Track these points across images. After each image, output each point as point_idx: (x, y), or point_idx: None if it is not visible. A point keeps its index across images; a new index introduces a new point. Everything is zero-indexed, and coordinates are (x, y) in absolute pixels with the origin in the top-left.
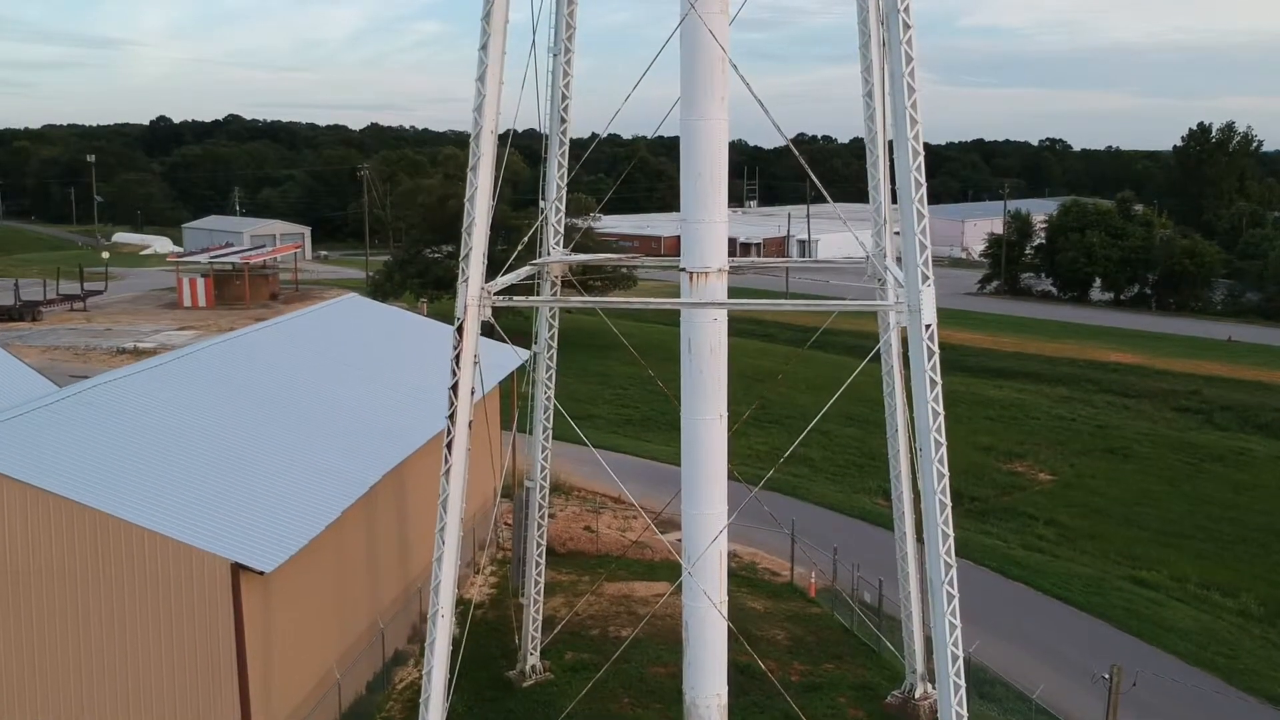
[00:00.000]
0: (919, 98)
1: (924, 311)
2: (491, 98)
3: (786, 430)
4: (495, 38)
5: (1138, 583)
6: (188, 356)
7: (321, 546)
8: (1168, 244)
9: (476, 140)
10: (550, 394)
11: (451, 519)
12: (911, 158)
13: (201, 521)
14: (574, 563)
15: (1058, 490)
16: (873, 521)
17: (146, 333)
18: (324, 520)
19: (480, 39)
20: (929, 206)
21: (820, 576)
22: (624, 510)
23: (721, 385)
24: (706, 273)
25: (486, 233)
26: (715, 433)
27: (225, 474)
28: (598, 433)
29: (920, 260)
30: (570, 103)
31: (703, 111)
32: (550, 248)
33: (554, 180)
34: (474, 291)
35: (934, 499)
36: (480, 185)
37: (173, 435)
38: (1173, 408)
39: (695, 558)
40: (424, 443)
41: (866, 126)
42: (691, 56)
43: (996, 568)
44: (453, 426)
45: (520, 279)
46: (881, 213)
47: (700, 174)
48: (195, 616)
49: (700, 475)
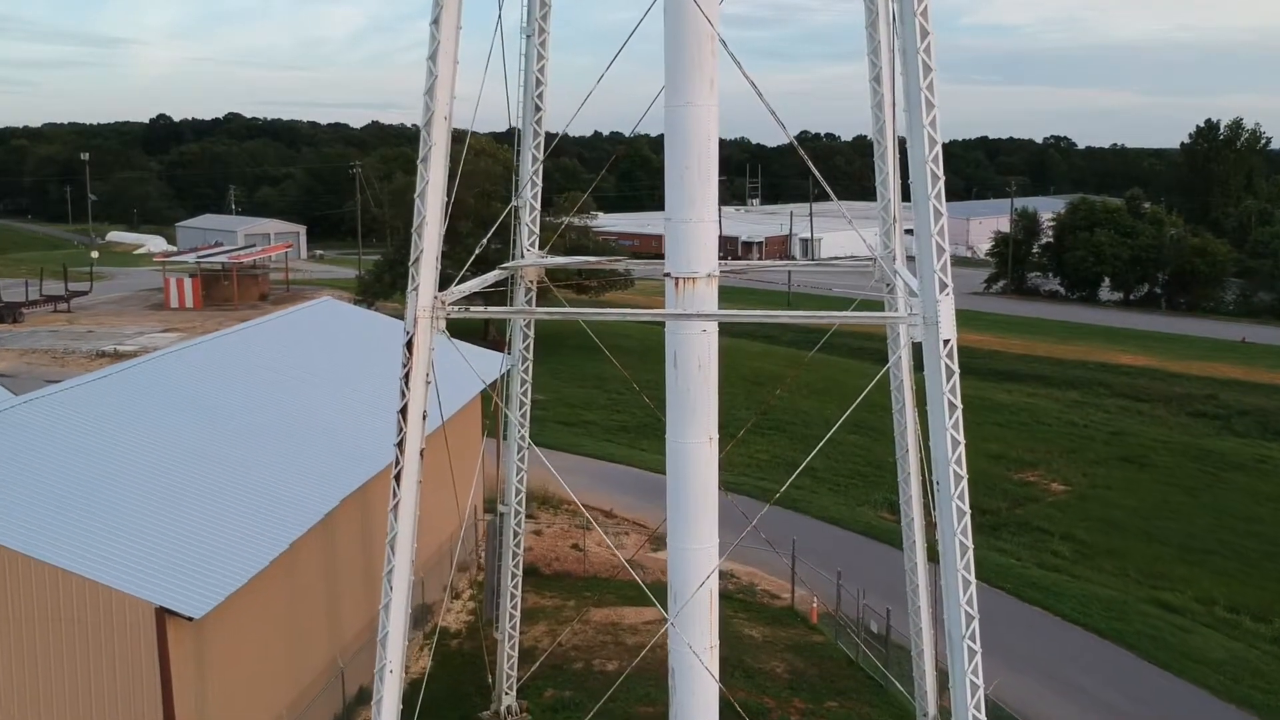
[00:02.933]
0: (935, 78)
1: (941, 325)
2: (445, 79)
3: (789, 437)
4: (449, 11)
5: (1161, 606)
6: (136, 368)
7: (269, 581)
8: (1178, 243)
9: (427, 128)
10: (526, 410)
11: (400, 561)
12: (927, 147)
13: (127, 559)
14: (560, 585)
15: (1072, 502)
16: (877, 538)
17: (129, 335)
18: (269, 554)
19: (432, 11)
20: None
21: (822, 602)
22: (615, 526)
23: (711, 405)
24: (694, 278)
25: (441, 233)
26: (705, 458)
27: (159, 503)
28: (591, 440)
29: (937, 265)
30: (545, 89)
31: (688, 96)
32: (524, 249)
33: (527, 175)
34: (425, 301)
35: (953, 540)
36: (432, 179)
37: (105, 459)
38: (1188, 412)
39: (680, 604)
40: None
41: (873, 116)
42: (676, 34)
43: (1012, 590)
44: (401, 456)
45: (486, 285)
46: (890, 211)
47: (687, 167)
48: (117, 667)
49: (688, 505)
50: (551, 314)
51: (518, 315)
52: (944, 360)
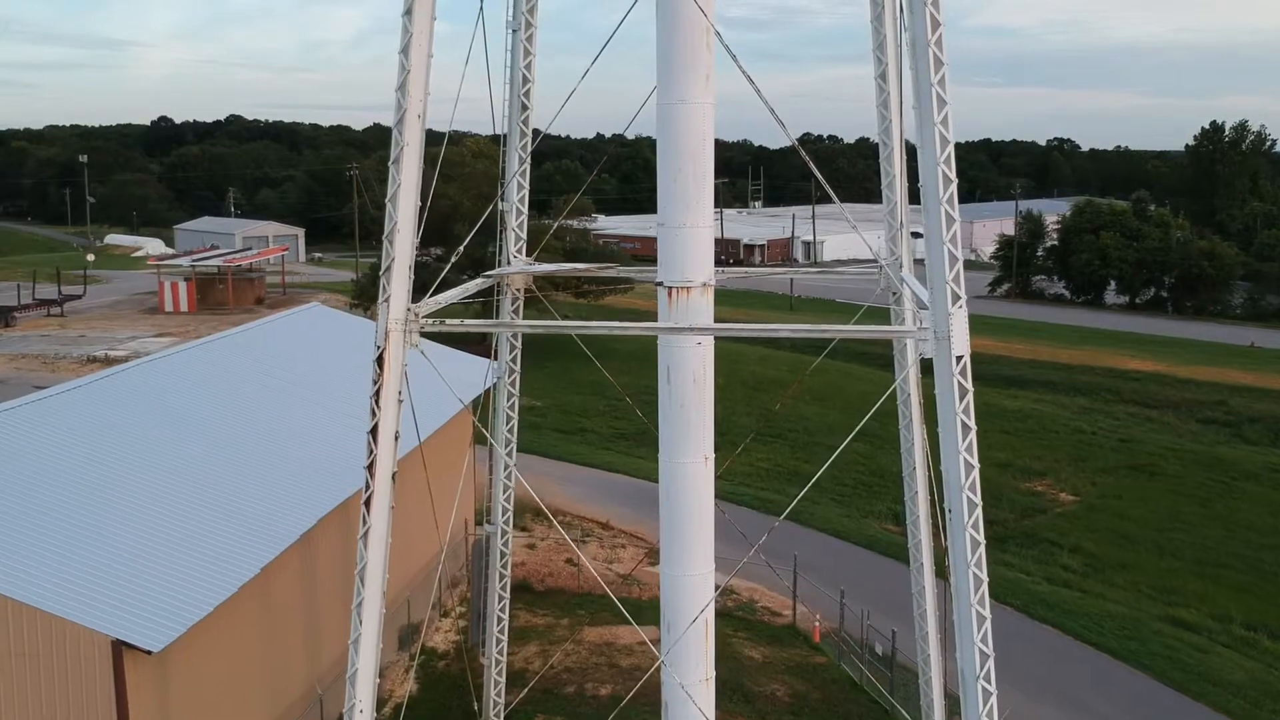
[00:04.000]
0: (947, 73)
1: (954, 340)
2: (418, 74)
3: (790, 445)
4: (422, 1)
5: (1176, 623)
6: (109, 379)
7: (240, 607)
8: (1185, 245)
9: (399, 127)
10: (513, 425)
11: (371, 593)
12: (939, 148)
13: (84, 588)
14: (553, 602)
15: (1081, 512)
16: (882, 551)
17: (121, 339)
18: (238, 579)
19: (404, 2)
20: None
21: (825, 620)
22: (611, 538)
23: (707, 422)
24: (689, 288)
25: (414, 240)
26: (701, 478)
27: (122, 524)
28: (589, 449)
29: (949, 275)
30: (533, 86)
31: (682, 93)
32: (510, 256)
33: (514, 177)
34: (397, 313)
35: (966, 572)
36: (404, 183)
37: (67, 477)
38: (1198, 419)
39: (675, 635)
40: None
41: (879, 115)
42: (668, 26)
43: (1021, 606)
44: (371, 480)
45: (468, 294)
46: (897, 215)
47: (681, 169)
48: (72, 705)
49: (682, 530)
50: (536, 327)
51: (501, 329)
52: (957, 378)
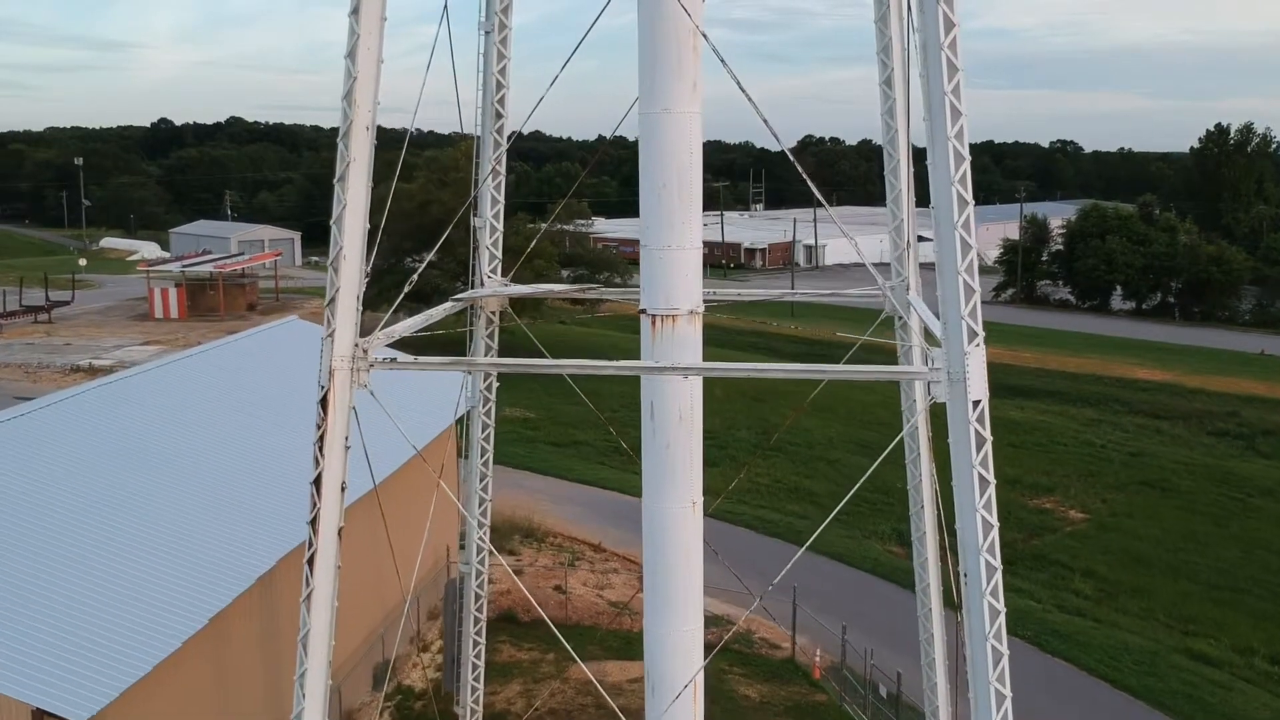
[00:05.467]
0: (962, 80)
1: (971, 382)
2: (366, 80)
3: (790, 459)
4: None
5: (1196, 657)
6: (58, 404)
7: (187, 662)
8: (1192, 250)
9: (345, 139)
10: (488, 459)
11: (315, 663)
12: (953, 165)
13: (6, 648)
14: (538, 634)
15: (1092, 532)
16: (885, 576)
17: (107, 348)
18: (184, 632)
19: (350, 1)
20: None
21: (826, 653)
22: (603, 561)
23: (695, 463)
24: (674, 316)
25: (362, 266)
26: (687, 525)
27: (54, 575)
28: (583, 463)
29: (965, 309)
30: (508, 93)
31: (666, 102)
32: (484, 276)
33: (487, 191)
34: (343, 350)
35: (984, 644)
36: (350, 203)
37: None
38: (1209, 431)
39: (661, 700)
40: (354, 500)
41: (884, 124)
42: (651, 29)
43: (1032, 638)
44: (314, 536)
45: (433, 321)
46: (904, 234)
47: (665, 185)
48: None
49: (666, 582)
50: (502, 366)
51: (463, 369)
52: (973, 426)
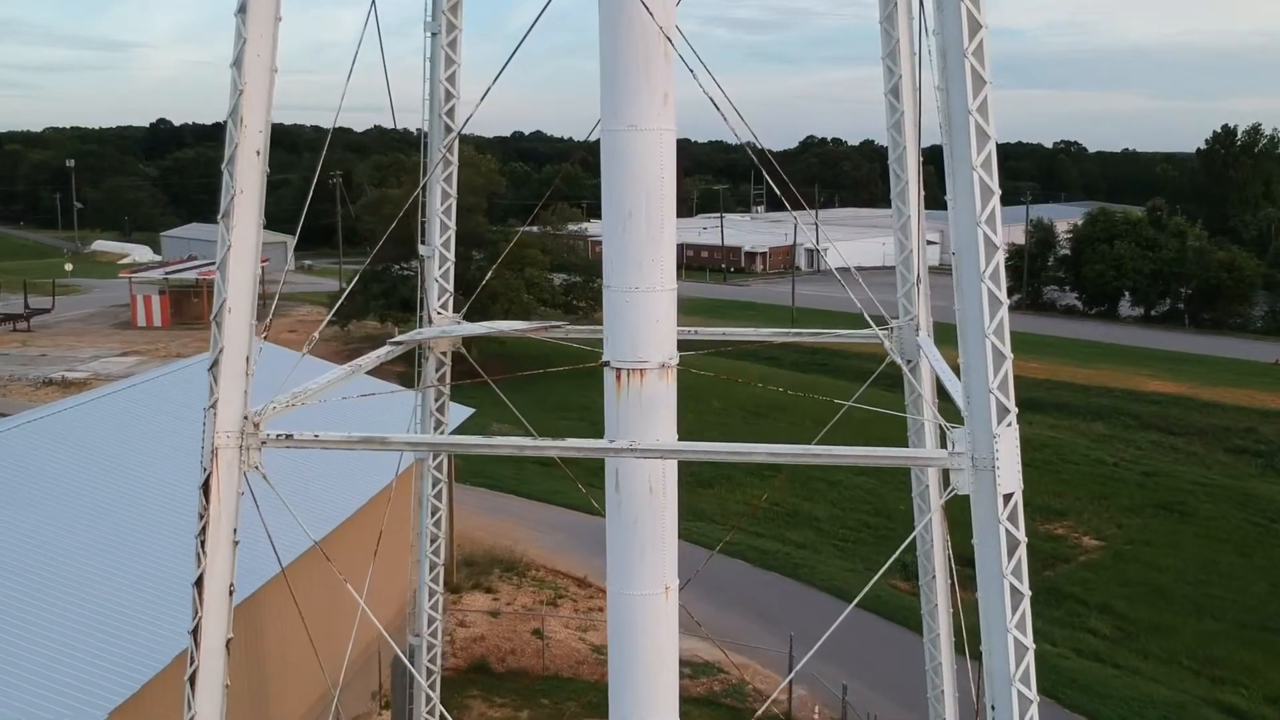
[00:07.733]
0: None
1: (1001, 472)
2: (256, 96)
3: (789, 480)
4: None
5: (1226, 710)
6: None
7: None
8: (1203, 256)
9: (230, 167)
10: (440, 518)
11: None
12: (979, 201)
13: None
14: (513, 686)
15: (1108, 562)
16: (887, 616)
17: (84, 359)
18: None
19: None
20: (935, 214)
21: (825, 709)
22: (587, 598)
23: (669, 541)
24: (642, 370)
25: (251, 321)
26: (659, 616)
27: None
28: (571, 487)
29: (994, 381)
30: (457, 104)
31: (632, 118)
32: (432, 313)
33: (435, 213)
34: (228, 423)
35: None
36: (235, 244)
37: None
38: (1226, 448)
39: None
40: (298, 555)
41: (890, 140)
42: (613, 32)
43: (1049, 690)
44: (196, 651)
45: (360, 371)
46: (913, 267)
47: (631, 214)
48: None
49: (634, 680)
50: (449, 445)
51: (369, 447)
52: (1004, 526)
